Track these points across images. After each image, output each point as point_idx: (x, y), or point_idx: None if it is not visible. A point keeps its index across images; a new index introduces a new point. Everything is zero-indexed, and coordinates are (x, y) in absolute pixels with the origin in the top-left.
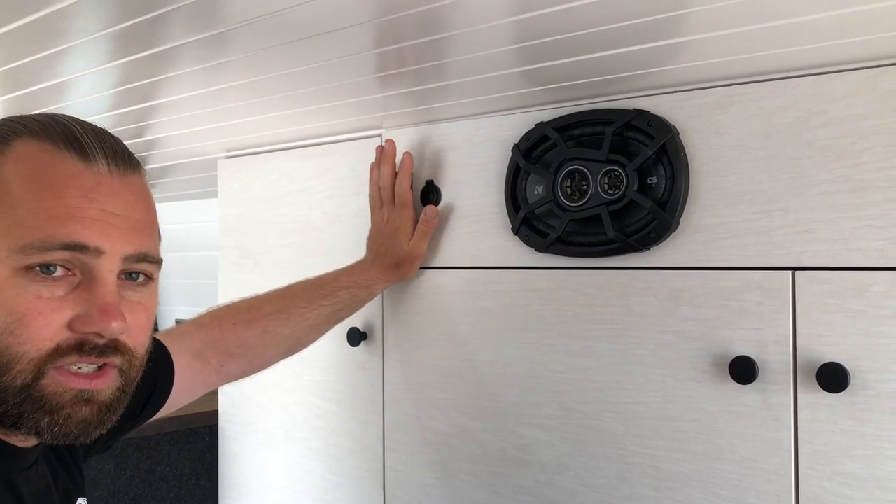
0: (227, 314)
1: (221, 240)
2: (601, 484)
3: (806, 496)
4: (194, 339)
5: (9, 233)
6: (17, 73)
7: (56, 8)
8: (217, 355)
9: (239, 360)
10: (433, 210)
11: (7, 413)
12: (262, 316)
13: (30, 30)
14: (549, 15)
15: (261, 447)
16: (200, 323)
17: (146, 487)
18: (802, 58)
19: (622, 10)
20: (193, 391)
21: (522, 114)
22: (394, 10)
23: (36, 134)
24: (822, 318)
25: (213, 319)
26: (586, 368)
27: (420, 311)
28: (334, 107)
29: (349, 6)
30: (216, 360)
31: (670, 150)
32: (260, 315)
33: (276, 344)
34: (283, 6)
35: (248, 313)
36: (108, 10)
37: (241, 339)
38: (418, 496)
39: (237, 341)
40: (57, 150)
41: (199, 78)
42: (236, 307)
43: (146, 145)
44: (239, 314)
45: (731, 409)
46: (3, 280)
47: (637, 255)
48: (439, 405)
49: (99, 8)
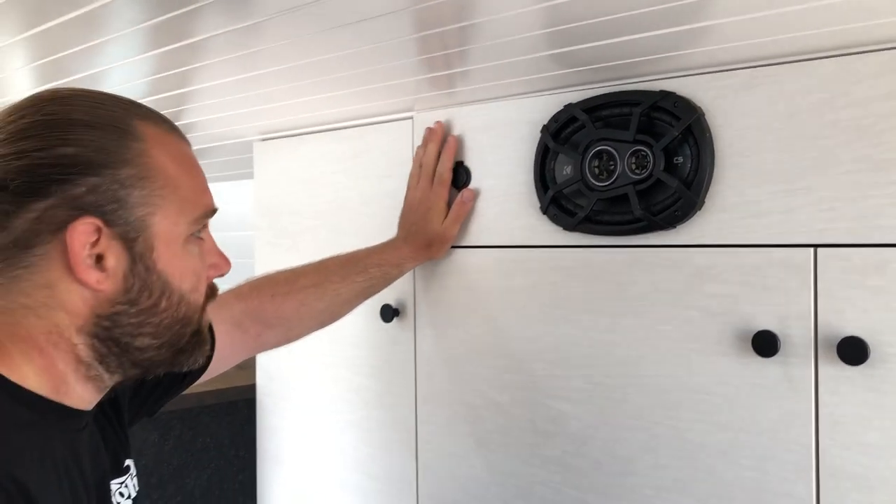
0: (265, 286)
1: (258, 220)
2: (627, 454)
3: (826, 465)
4: (234, 309)
5: (182, 208)
6: (60, 63)
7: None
8: (255, 325)
9: (276, 330)
10: (470, 193)
11: (182, 350)
12: (298, 289)
13: (74, 24)
14: (578, 1)
15: (297, 420)
16: (240, 293)
17: (188, 457)
18: (825, 40)
19: None
20: (232, 358)
21: (551, 96)
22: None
23: (140, 116)
24: (843, 293)
25: (252, 290)
26: (613, 343)
27: (451, 289)
28: (367, 91)
29: None
30: (254, 329)
31: (696, 130)
32: (297, 288)
33: (311, 316)
34: None
35: (286, 286)
36: (148, 4)
37: (279, 311)
38: (450, 466)
39: (275, 312)
40: (168, 132)
41: (234, 65)
42: (274, 279)
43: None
44: (277, 286)
45: (754, 381)
46: (182, 247)
47: (663, 234)
48: (470, 379)
49: (139, 2)
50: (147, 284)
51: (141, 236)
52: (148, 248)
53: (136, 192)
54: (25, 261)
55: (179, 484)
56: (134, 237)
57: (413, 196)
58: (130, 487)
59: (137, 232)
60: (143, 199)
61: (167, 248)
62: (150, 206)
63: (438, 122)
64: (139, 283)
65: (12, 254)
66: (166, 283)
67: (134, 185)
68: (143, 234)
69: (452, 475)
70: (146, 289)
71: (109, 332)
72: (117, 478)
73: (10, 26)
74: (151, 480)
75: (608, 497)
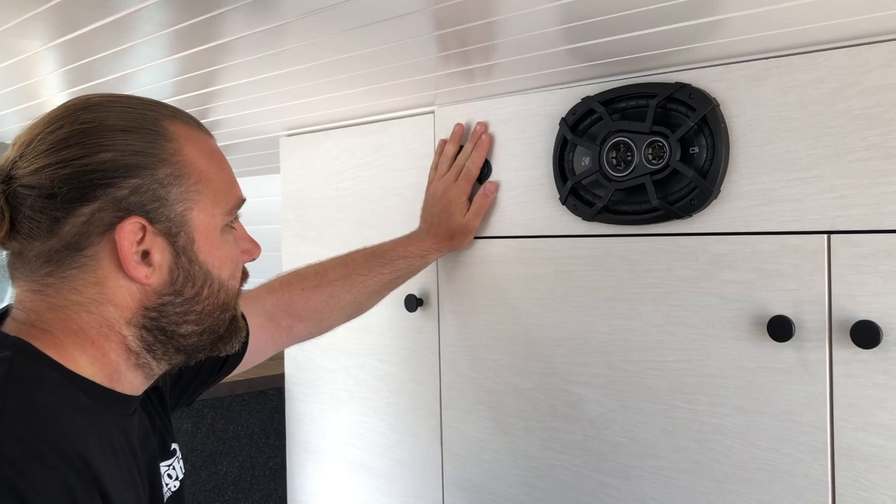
0: (295, 280)
1: (284, 213)
2: (646, 437)
3: (841, 446)
4: (267, 303)
5: (216, 200)
6: (89, 66)
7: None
8: (287, 318)
9: (307, 322)
10: (493, 186)
11: (221, 337)
12: (327, 282)
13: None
14: None
15: (325, 407)
16: (271, 288)
17: (220, 445)
18: (836, 31)
19: None
20: (266, 350)
21: (569, 89)
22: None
23: (168, 116)
24: (855, 278)
25: (283, 285)
26: (631, 329)
27: (473, 279)
28: (389, 86)
29: None
30: (286, 322)
31: (711, 121)
32: (325, 281)
33: (340, 308)
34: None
35: (315, 279)
36: (176, 9)
37: (309, 304)
38: (474, 451)
39: (305, 305)
40: (196, 128)
41: (260, 64)
42: (303, 273)
43: (209, 126)
44: (306, 280)
45: (770, 365)
46: (219, 237)
47: (679, 222)
48: (492, 366)
49: (166, 8)
50: (190, 275)
51: (182, 230)
52: (189, 240)
53: (174, 190)
54: (77, 262)
55: (212, 470)
56: (176, 232)
57: (434, 189)
58: (178, 469)
59: (179, 227)
60: (181, 196)
61: (206, 239)
62: (188, 201)
63: (480, 122)
64: (183, 275)
65: (64, 255)
66: (208, 273)
67: (172, 183)
68: (183, 229)
69: (476, 459)
70: (190, 279)
71: (157, 322)
72: (166, 460)
73: (45, 32)
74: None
75: (628, 479)
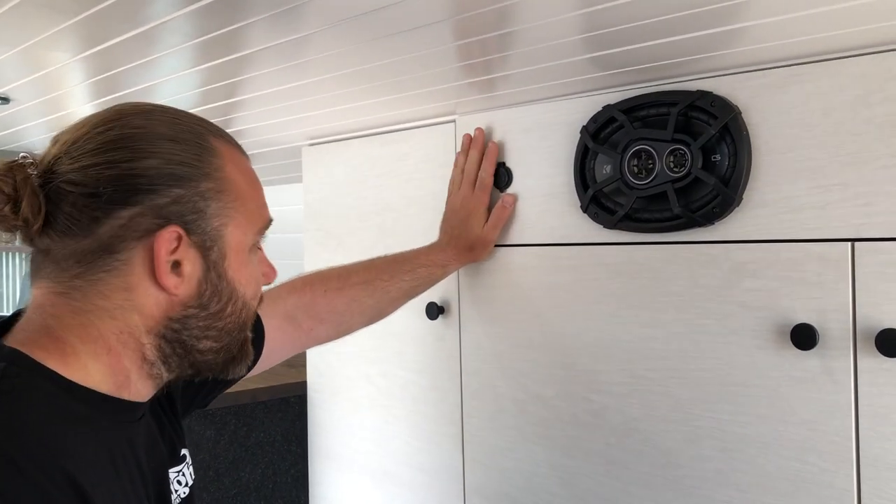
0: (317, 281)
1: (306, 223)
2: (669, 446)
3: (867, 456)
4: (287, 303)
5: (250, 219)
6: (115, 78)
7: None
8: (308, 320)
9: (327, 325)
10: (510, 198)
11: (234, 358)
12: (350, 286)
13: (132, 41)
14: (615, 7)
15: (347, 415)
16: (293, 287)
17: (243, 452)
18: (859, 38)
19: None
20: (283, 352)
21: (590, 97)
22: (469, 7)
23: (214, 133)
24: (880, 286)
25: (305, 285)
26: (653, 338)
27: (494, 287)
28: (410, 96)
29: (428, 7)
30: (307, 324)
31: (733, 128)
32: (348, 284)
33: (361, 312)
34: (366, 9)
35: (338, 281)
36: (202, 21)
37: (331, 306)
38: (496, 459)
39: (327, 307)
40: (236, 149)
41: (283, 75)
42: (326, 275)
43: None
44: (329, 282)
45: (793, 374)
46: (247, 257)
47: (702, 230)
48: (514, 374)
49: (192, 20)
50: (217, 290)
51: (216, 245)
52: (221, 256)
53: (213, 204)
54: (109, 265)
55: (235, 477)
56: (209, 246)
57: (454, 201)
58: (187, 475)
59: (213, 241)
60: (219, 211)
61: (236, 256)
62: (224, 217)
63: (479, 128)
64: (210, 289)
65: (96, 257)
66: (234, 290)
67: (212, 198)
68: (217, 244)
69: (498, 467)
70: (216, 294)
71: (178, 333)
72: (175, 466)
73: (74, 45)
74: (209, 474)
75: (651, 488)
